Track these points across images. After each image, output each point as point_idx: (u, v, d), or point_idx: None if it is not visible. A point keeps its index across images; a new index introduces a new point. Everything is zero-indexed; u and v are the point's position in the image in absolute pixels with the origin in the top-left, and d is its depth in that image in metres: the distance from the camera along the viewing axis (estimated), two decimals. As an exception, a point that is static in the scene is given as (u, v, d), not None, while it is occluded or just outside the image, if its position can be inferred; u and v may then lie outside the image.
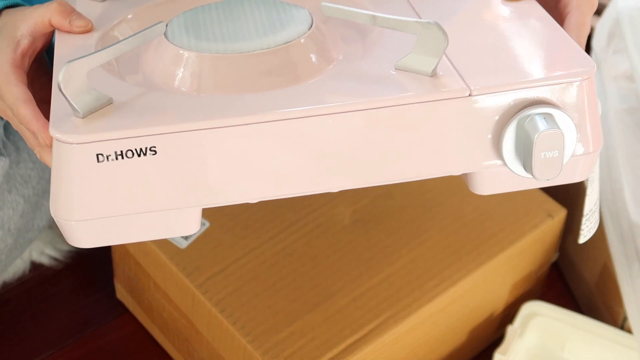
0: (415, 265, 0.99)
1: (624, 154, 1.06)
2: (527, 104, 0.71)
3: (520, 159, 0.72)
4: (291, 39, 0.77)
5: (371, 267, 0.98)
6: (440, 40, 0.71)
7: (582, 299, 1.17)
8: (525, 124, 0.70)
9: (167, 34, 0.78)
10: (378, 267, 0.98)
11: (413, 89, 0.71)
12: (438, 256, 0.99)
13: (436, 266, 0.98)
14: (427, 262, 0.99)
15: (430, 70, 0.72)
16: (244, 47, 0.75)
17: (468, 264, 0.99)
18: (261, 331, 0.93)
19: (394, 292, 0.96)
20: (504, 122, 0.71)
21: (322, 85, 0.72)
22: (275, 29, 0.77)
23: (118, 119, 0.67)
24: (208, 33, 0.77)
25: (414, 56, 0.72)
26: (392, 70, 0.73)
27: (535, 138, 0.69)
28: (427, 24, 0.70)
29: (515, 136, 0.71)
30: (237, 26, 0.78)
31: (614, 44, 1.13)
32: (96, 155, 0.66)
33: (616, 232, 1.06)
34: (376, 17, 0.73)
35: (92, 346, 1.10)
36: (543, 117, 0.70)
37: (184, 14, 0.81)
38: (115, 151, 0.67)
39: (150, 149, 0.67)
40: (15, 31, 0.81)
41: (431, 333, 0.99)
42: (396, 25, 0.72)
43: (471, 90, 0.71)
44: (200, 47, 0.75)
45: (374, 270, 0.98)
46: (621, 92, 1.10)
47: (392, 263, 0.99)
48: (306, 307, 0.95)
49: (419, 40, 0.72)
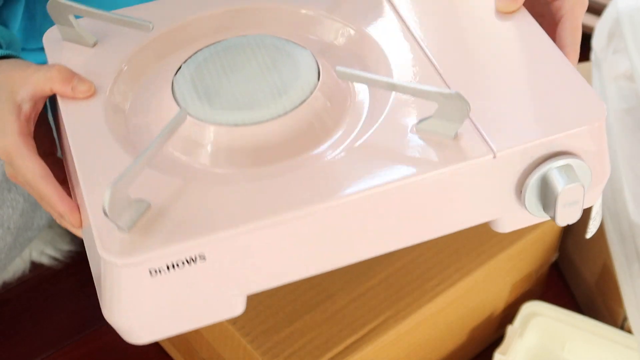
0: (415, 265, 0.99)
1: (624, 154, 1.06)
2: (548, 157, 0.73)
3: (541, 204, 0.74)
4: (305, 94, 0.77)
5: (371, 267, 0.98)
6: (462, 110, 0.71)
7: (582, 298, 1.17)
8: (547, 178, 0.73)
9: (177, 95, 0.77)
10: (378, 267, 0.98)
11: (440, 158, 0.72)
12: (438, 256, 0.99)
13: (436, 266, 0.98)
14: (427, 262, 0.99)
15: (452, 134, 0.73)
16: (262, 114, 0.75)
17: (468, 264, 0.99)
18: (261, 331, 0.93)
19: (394, 292, 0.96)
20: (526, 174, 0.74)
21: (351, 165, 0.72)
22: (287, 84, 0.77)
23: (165, 232, 0.67)
24: (221, 98, 0.76)
25: (435, 121, 0.73)
26: (412, 133, 0.73)
27: (558, 193, 0.72)
28: (448, 95, 0.71)
29: (537, 187, 0.74)
30: (248, 85, 0.77)
31: (614, 43, 1.13)
32: (149, 271, 0.67)
33: (616, 232, 1.06)
34: (395, 85, 0.73)
35: (92, 346, 1.10)
36: (564, 171, 0.73)
37: (186, 67, 0.80)
38: (167, 264, 0.67)
39: (200, 257, 0.68)
40: (14, 95, 0.80)
41: (431, 333, 0.99)
42: (416, 94, 0.72)
43: (495, 153, 0.72)
44: (218, 119, 0.75)
45: (374, 270, 0.98)
46: (621, 92, 1.10)
47: (392, 263, 0.99)
48: (306, 307, 0.95)
49: (440, 107, 0.72)
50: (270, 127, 0.74)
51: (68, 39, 0.84)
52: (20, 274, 1.16)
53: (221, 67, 0.80)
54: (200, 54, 0.81)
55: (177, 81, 0.78)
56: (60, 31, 0.84)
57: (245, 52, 0.81)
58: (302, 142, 0.75)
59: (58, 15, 0.83)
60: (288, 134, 0.75)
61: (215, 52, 0.81)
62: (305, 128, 0.76)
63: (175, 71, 0.79)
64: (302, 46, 0.81)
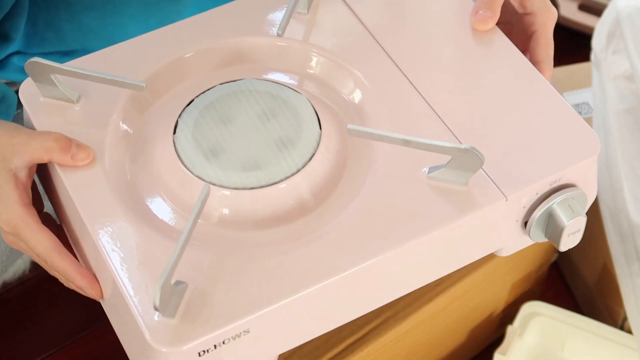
0: (415, 265, 0.99)
1: (624, 154, 1.06)
2: (552, 192, 0.77)
3: (544, 233, 0.79)
4: (312, 147, 0.77)
5: (371, 267, 0.98)
6: (476, 162, 0.74)
7: (582, 298, 1.17)
8: (552, 213, 0.77)
9: (182, 157, 0.76)
10: (378, 267, 0.98)
11: (457, 208, 0.75)
12: (438, 256, 1.00)
13: (436, 266, 0.99)
14: (427, 262, 0.99)
15: (465, 182, 0.75)
16: (275, 174, 0.76)
17: (468, 264, 0.99)
18: (261, 331, 0.93)
19: (394, 292, 0.96)
20: (531, 210, 0.78)
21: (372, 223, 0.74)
22: (290, 136, 0.77)
23: (212, 315, 0.69)
24: (229, 157, 0.76)
25: (448, 170, 0.75)
26: (422, 181, 0.76)
27: (564, 227, 0.77)
28: (463, 150, 0.73)
29: (542, 221, 0.78)
30: (251, 139, 0.77)
31: (614, 44, 1.13)
32: (198, 353, 0.69)
33: (616, 232, 1.06)
34: (410, 142, 0.74)
35: (92, 346, 1.10)
36: (567, 205, 0.78)
37: (184, 124, 0.78)
38: (214, 344, 0.69)
39: (244, 332, 0.70)
40: (7, 163, 0.77)
41: (431, 333, 0.99)
42: (430, 149, 0.74)
43: (506, 196, 0.75)
44: (233, 182, 0.75)
45: (374, 270, 0.98)
46: (621, 92, 1.10)
47: (392, 263, 0.99)
48: (306, 307, 0.95)
49: (454, 159, 0.74)
50: (285, 187, 0.75)
51: (49, 97, 0.81)
52: (20, 274, 1.16)
53: (220, 120, 0.78)
54: (194, 106, 0.79)
55: (178, 140, 0.77)
56: (41, 89, 0.80)
57: (240, 100, 0.80)
58: (316, 198, 0.77)
59: (38, 75, 0.79)
60: (302, 192, 0.76)
61: (209, 103, 0.79)
62: (319, 182, 0.77)
63: (172, 127, 0.78)
64: (296, 90, 0.80)
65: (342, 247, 0.73)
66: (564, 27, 1.49)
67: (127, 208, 0.74)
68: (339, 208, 0.76)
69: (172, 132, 0.77)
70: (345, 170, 0.78)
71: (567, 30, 1.49)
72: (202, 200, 0.71)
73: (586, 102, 1.17)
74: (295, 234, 0.74)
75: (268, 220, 0.75)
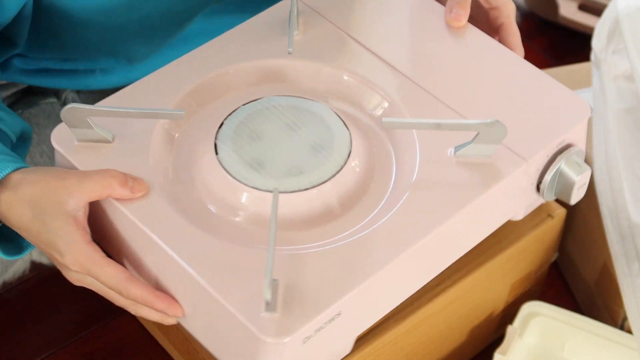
0: (415, 265, 0.99)
1: (624, 154, 1.06)
2: (558, 152, 0.89)
3: (553, 191, 0.91)
4: (346, 147, 0.86)
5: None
6: (501, 133, 0.83)
7: (582, 298, 1.17)
8: (562, 172, 0.89)
9: (234, 174, 0.83)
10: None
11: (490, 177, 0.85)
12: (438, 256, 1.00)
13: (436, 266, 0.99)
14: (427, 262, 0.99)
15: (490, 154, 0.85)
16: (318, 175, 0.84)
17: (468, 264, 0.99)
18: (261, 331, 0.93)
19: (394, 292, 0.96)
20: (543, 172, 0.89)
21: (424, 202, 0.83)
22: (322, 140, 0.86)
23: (306, 304, 0.77)
24: (273, 166, 0.84)
25: (474, 146, 0.85)
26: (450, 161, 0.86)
27: (574, 183, 0.89)
28: (490, 124, 0.82)
29: (553, 180, 0.90)
30: (290, 148, 0.85)
31: (614, 44, 1.13)
32: (302, 340, 0.77)
33: (616, 232, 1.06)
34: (441, 124, 0.83)
35: (92, 346, 1.10)
36: (574, 162, 0.89)
37: (223, 144, 0.85)
38: (315, 329, 0.77)
39: (337, 315, 0.78)
40: (63, 205, 0.80)
41: (431, 333, 0.99)
42: (459, 128, 0.83)
43: (527, 161, 0.87)
44: (282, 186, 0.83)
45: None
46: (621, 92, 1.10)
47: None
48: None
49: (480, 134, 0.83)
50: (337, 181, 0.84)
51: (84, 140, 0.85)
52: (20, 274, 1.16)
53: (254, 135, 0.86)
54: (226, 128, 0.86)
55: (223, 160, 0.84)
56: (75, 134, 0.85)
57: (268, 116, 0.87)
58: (361, 188, 0.85)
59: (75, 120, 0.83)
60: (350, 184, 0.85)
61: (239, 122, 0.86)
62: (360, 175, 0.85)
63: (212, 149, 0.85)
64: (316, 100, 0.89)
65: (408, 224, 0.82)
66: (564, 27, 1.49)
67: (194, 226, 0.81)
68: (381, 195, 0.85)
69: (215, 154, 0.84)
70: (375, 166, 0.87)
71: (567, 30, 1.49)
72: (275, 206, 0.80)
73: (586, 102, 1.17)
74: (350, 222, 0.83)
75: (324, 216, 0.83)
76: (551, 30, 1.51)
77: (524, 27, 1.50)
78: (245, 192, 0.83)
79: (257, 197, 0.82)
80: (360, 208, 0.84)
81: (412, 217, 0.82)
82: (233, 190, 0.83)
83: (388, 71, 0.92)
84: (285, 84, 0.93)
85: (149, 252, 0.83)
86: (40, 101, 1.12)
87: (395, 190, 0.85)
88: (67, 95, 1.14)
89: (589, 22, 1.45)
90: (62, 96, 1.14)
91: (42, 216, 0.80)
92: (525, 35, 1.50)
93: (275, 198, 0.80)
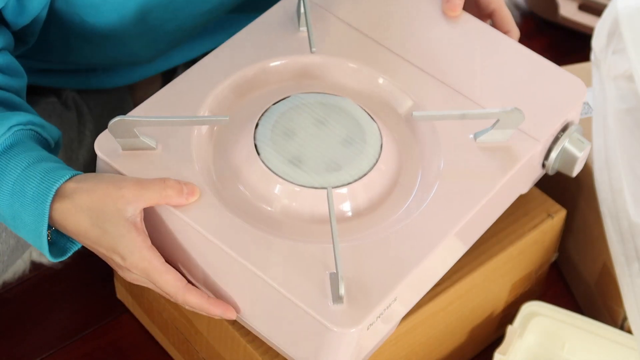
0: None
1: (624, 154, 1.06)
2: (563, 129, 0.95)
3: (557, 165, 0.96)
4: (375, 136, 0.89)
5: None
6: (519, 119, 0.89)
7: (582, 298, 1.17)
8: (566, 149, 0.95)
9: (281, 174, 0.87)
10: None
11: (511, 159, 0.91)
12: (438, 256, 1.00)
13: (436, 266, 0.99)
14: (427, 262, 0.99)
15: (507, 138, 0.91)
16: (365, 165, 0.88)
17: (468, 264, 0.99)
18: (261, 331, 0.93)
19: (394, 292, 0.97)
20: (549, 150, 0.95)
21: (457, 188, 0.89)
22: (353, 134, 0.89)
23: (367, 294, 0.81)
24: (313, 161, 0.88)
25: (493, 131, 0.90)
26: (472, 146, 0.91)
27: (578, 158, 0.95)
28: (510, 112, 0.88)
29: (558, 157, 0.96)
30: (325, 144, 0.89)
31: (614, 44, 1.13)
32: (367, 327, 0.81)
33: (616, 232, 1.06)
34: (465, 114, 0.89)
35: (92, 346, 1.10)
36: (575, 138, 0.95)
37: (263, 144, 0.88)
38: (377, 316, 0.82)
39: (394, 301, 0.83)
40: (123, 213, 0.83)
41: (431, 333, 0.99)
42: (482, 116, 0.90)
43: (539, 140, 0.92)
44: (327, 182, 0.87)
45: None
46: (621, 92, 1.10)
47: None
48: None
49: (500, 121, 0.89)
50: (377, 172, 0.88)
51: (129, 149, 0.88)
52: (20, 274, 1.16)
53: (290, 132, 0.89)
54: (263, 128, 0.89)
55: (266, 159, 0.87)
56: (121, 144, 0.87)
57: (300, 113, 0.90)
58: (398, 177, 0.90)
59: (122, 131, 0.86)
60: (388, 175, 0.89)
61: (274, 122, 0.89)
62: (394, 164, 0.90)
63: (253, 149, 0.88)
64: (340, 96, 0.92)
65: (444, 210, 0.87)
66: (564, 27, 1.49)
67: (250, 225, 0.84)
68: (412, 184, 0.90)
69: (257, 154, 0.87)
70: (403, 157, 0.91)
71: (567, 30, 1.49)
72: (331, 202, 0.84)
73: (586, 102, 1.17)
74: (390, 211, 0.87)
75: (367, 207, 0.87)
76: (551, 30, 1.51)
77: (524, 27, 1.50)
78: (295, 190, 0.86)
79: (307, 195, 0.86)
80: (396, 197, 0.88)
81: (447, 204, 0.87)
82: (282, 190, 0.86)
83: (399, 63, 0.96)
84: (310, 80, 0.96)
85: (205, 253, 0.85)
86: (41, 100, 1.12)
87: (425, 178, 0.90)
88: (67, 95, 1.14)
89: (589, 22, 1.45)
90: (63, 96, 1.14)
91: (102, 223, 0.83)
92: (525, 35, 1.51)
93: (330, 194, 0.84)
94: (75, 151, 1.12)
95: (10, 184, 0.85)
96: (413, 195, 0.89)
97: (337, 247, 0.81)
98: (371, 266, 0.83)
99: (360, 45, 0.97)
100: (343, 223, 0.86)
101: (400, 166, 0.90)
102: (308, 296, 0.81)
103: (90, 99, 1.16)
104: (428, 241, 0.85)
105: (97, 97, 1.17)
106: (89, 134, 1.13)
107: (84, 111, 1.14)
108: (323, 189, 0.86)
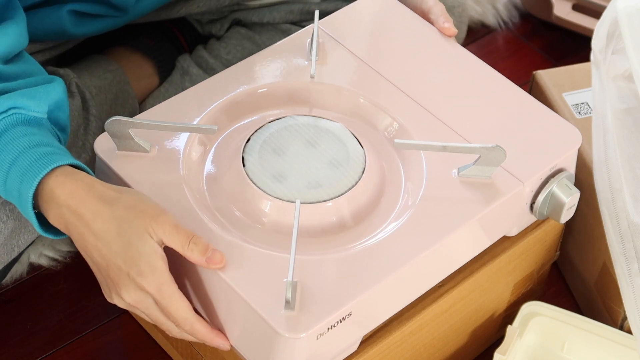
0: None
1: (624, 154, 1.06)
2: (551, 176, 0.97)
3: (545, 210, 0.98)
4: (359, 161, 0.93)
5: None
6: (500, 157, 0.91)
7: (582, 298, 1.17)
8: (554, 193, 0.97)
9: (255, 180, 0.90)
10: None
11: (489, 196, 0.92)
12: (440, 257, 1.00)
13: (439, 267, 0.99)
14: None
15: (490, 175, 0.93)
16: (333, 189, 0.91)
17: (471, 265, 0.99)
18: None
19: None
20: (537, 193, 0.97)
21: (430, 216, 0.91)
22: (339, 155, 0.93)
23: (321, 305, 0.84)
24: (293, 179, 0.91)
25: (476, 167, 0.92)
26: (454, 180, 0.93)
27: (564, 204, 0.97)
28: (491, 148, 0.90)
29: (545, 201, 0.97)
30: (312, 162, 0.92)
31: (613, 44, 1.13)
32: (316, 336, 0.83)
33: (615, 232, 1.06)
34: (446, 147, 0.91)
35: (92, 346, 1.10)
36: (564, 185, 0.96)
37: (249, 156, 0.92)
38: (327, 327, 0.84)
39: (348, 315, 0.85)
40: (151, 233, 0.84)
41: (435, 334, 0.99)
42: (463, 150, 0.91)
43: (523, 183, 0.94)
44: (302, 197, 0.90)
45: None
46: (620, 92, 1.10)
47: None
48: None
49: (482, 157, 0.91)
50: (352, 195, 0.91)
51: (124, 149, 0.93)
52: (19, 275, 1.16)
53: (278, 150, 0.93)
54: (253, 142, 0.93)
55: (250, 172, 0.91)
56: (117, 144, 0.93)
57: (292, 133, 0.94)
58: (373, 202, 0.92)
59: (117, 131, 0.91)
60: (364, 198, 0.91)
61: (265, 138, 0.93)
62: (373, 189, 0.92)
63: (240, 161, 0.92)
64: (332, 120, 0.96)
65: (414, 235, 0.89)
66: (561, 27, 1.49)
67: (225, 232, 0.88)
68: (391, 209, 0.92)
69: (242, 165, 0.91)
70: (386, 182, 0.94)
71: (567, 30, 1.49)
72: (298, 214, 0.87)
73: (586, 102, 1.17)
74: (363, 232, 0.90)
75: (339, 226, 0.90)
76: (551, 31, 1.51)
77: (524, 28, 1.51)
78: (270, 201, 0.90)
79: (280, 207, 0.89)
80: (372, 219, 0.91)
81: (419, 229, 0.89)
82: (258, 200, 0.90)
83: (398, 95, 1.00)
84: (306, 104, 1.00)
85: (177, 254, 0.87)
86: None
87: (403, 204, 0.92)
88: (71, 82, 1.14)
89: (582, 22, 1.45)
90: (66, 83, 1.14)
91: (129, 237, 0.84)
92: (524, 36, 1.51)
93: (297, 208, 0.87)
94: (81, 138, 1.13)
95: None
96: (390, 219, 0.91)
97: (293, 256, 0.84)
98: (330, 280, 0.86)
99: (366, 78, 1.02)
100: (314, 237, 0.89)
101: (380, 190, 0.93)
102: (262, 300, 0.84)
103: (92, 86, 1.17)
104: (391, 264, 0.87)
105: (99, 90, 1.17)
106: (93, 119, 1.14)
107: (87, 96, 1.15)
108: (293, 203, 0.89)
